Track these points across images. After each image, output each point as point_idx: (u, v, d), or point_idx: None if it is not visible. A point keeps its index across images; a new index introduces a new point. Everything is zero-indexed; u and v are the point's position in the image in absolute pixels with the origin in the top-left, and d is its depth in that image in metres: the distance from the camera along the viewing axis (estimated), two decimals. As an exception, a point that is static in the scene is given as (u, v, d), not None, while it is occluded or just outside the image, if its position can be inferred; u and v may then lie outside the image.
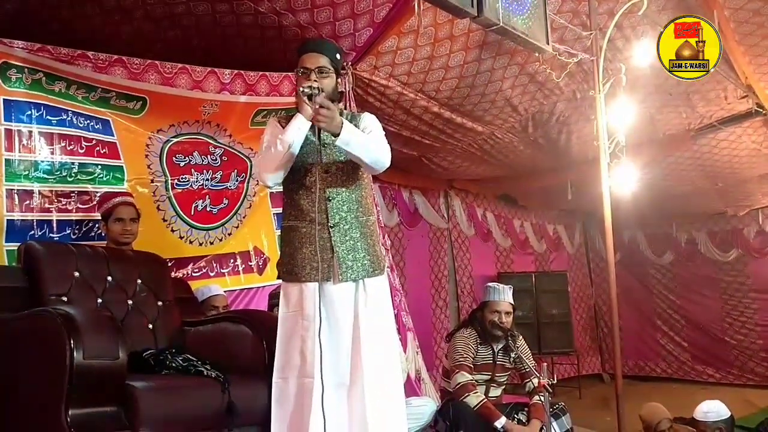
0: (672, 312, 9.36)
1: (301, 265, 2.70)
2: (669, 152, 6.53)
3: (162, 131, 4.13)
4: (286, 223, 2.82)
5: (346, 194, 2.76)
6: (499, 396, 4.22)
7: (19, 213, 3.52)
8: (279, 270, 2.82)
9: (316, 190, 2.71)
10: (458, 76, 4.82)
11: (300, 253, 2.71)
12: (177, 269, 4.08)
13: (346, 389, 2.69)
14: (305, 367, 2.64)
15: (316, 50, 2.80)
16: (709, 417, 4.56)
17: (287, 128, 2.67)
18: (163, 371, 2.95)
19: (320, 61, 2.76)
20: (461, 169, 6.92)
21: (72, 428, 2.39)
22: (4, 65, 3.50)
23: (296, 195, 2.75)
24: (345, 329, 2.70)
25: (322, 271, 2.67)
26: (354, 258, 2.72)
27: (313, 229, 2.70)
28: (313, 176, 2.72)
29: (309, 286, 2.69)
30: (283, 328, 2.75)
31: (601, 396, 7.59)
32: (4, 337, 2.84)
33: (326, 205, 2.71)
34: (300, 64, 2.78)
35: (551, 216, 9.35)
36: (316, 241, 2.68)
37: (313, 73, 2.72)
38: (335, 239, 2.70)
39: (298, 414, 2.65)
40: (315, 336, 2.61)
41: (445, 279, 7.72)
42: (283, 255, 2.80)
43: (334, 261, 2.69)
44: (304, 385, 2.64)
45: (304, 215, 2.72)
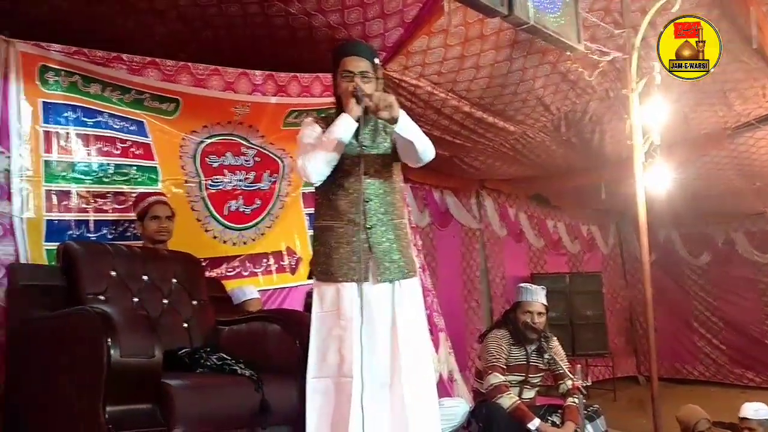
0: (709, 314, 9.19)
1: (337, 265, 2.70)
2: (705, 151, 6.42)
3: (195, 132, 4.18)
4: (320, 222, 2.82)
5: (383, 197, 2.78)
6: (532, 398, 4.18)
7: (57, 213, 3.59)
8: (313, 269, 2.82)
9: (355, 191, 2.73)
10: (489, 75, 4.79)
11: (336, 253, 2.71)
12: (211, 269, 4.12)
13: (383, 389, 2.68)
14: (343, 367, 2.64)
15: (359, 54, 2.82)
16: (760, 414, 4.46)
17: (334, 127, 2.68)
18: (197, 370, 2.98)
19: (363, 65, 2.78)
20: (493, 169, 6.89)
21: (109, 425, 2.43)
22: (42, 68, 3.57)
23: (333, 195, 2.76)
24: (381, 330, 2.71)
25: (360, 272, 2.68)
26: (390, 260, 2.74)
27: (350, 229, 2.71)
28: (351, 177, 2.74)
29: (346, 286, 2.69)
30: (318, 327, 2.74)
31: (636, 398, 7.50)
32: (43, 335, 2.91)
33: (365, 206, 2.72)
34: (342, 67, 2.79)
35: (585, 216, 9.25)
36: (353, 242, 2.70)
37: (357, 76, 2.75)
38: (372, 240, 2.72)
39: (336, 413, 2.65)
40: (354, 336, 2.62)
41: (477, 280, 7.67)
42: (317, 255, 2.80)
43: (372, 262, 2.71)
44: (341, 384, 2.64)
45: (342, 216, 2.73)
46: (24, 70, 3.50)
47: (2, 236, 3.38)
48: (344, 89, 2.75)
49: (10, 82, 3.47)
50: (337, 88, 2.83)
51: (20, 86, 3.50)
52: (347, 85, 2.74)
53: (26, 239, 3.43)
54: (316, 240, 2.84)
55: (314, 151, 2.68)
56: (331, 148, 2.66)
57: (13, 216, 3.42)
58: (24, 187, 3.48)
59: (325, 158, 2.67)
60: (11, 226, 3.42)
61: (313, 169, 2.67)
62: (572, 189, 7.85)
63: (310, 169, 2.67)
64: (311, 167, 2.66)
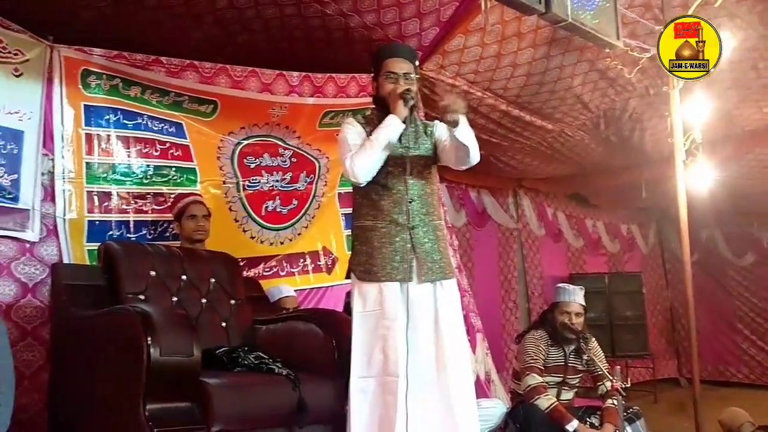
0: (754, 315, 8.97)
1: (381, 264, 2.71)
2: (749, 149, 6.28)
3: (233, 134, 4.22)
4: (361, 222, 2.82)
5: (424, 197, 2.81)
6: (570, 399, 4.14)
7: (98, 214, 3.66)
8: (353, 269, 2.81)
9: (399, 191, 2.75)
10: (526, 73, 4.75)
11: (380, 252, 2.72)
12: (248, 269, 4.16)
13: (426, 388, 2.68)
14: (389, 366, 2.64)
15: (403, 56, 2.86)
16: None
17: (383, 128, 2.70)
18: (235, 369, 3.01)
19: (406, 67, 2.82)
20: (530, 167, 6.83)
21: (150, 422, 2.47)
22: (85, 72, 3.65)
23: (376, 195, 2.77)
24: (424, 329, 2.72)
25: (403, 272, 2.69)
26: (432, 260, 2.76)
27: (393, 229, 2.73)
28: (395, 178, 2.76)
29: (389, 286, 2.70)
30: (361, 327, 2.74)
31: (677, 401, 7.35)
32: (85, 333, 2.96)
33: (408, 206, 2.74)
34: (385, 68, 2.82)
35: (624, 215, 9.12)
36: (396, 242, 2.71)
37: (401, 78, 2.78)
38: (415, 240, 2.73)
39: (383, 413, 2.65)
40: (399, 335, 2.63)
41: (515, 280, 7.62)
42: (358, 254, 2.80)
43: (415, 262, 2.72)
44: (387, 383, 2.64)
45: (385, 215, 2.74)
46: (67, 74, 3.59)
47: (46, 236, 3.47)
48: (390, 90, 2.76)
49: (54, 86, 3.56)
50: (380, 89, 2.84)
51: (63, 90, 3.59)
52: (393, 86, 2.76)
53: (69, 239, 3.51)
54: (356, 239, 2.84)
55: (362, 151, 2.69)
56: (379, 148, 2.68)
57: (57, 217, 3.51)
58: (66, 189, 3.56)
59: (373, 158, 2.68)
60: (54, 227, 3.50)
61: (361, 169, 2.68)
62: (612, 188, 7.74)
63: (359, 169, 2.68)
64: (360, 167, 2.68)
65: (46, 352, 3.28)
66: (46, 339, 3.30)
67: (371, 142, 2.68)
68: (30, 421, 3.20)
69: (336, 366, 3.10)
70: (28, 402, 3.22)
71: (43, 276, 3.40)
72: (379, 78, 2.84)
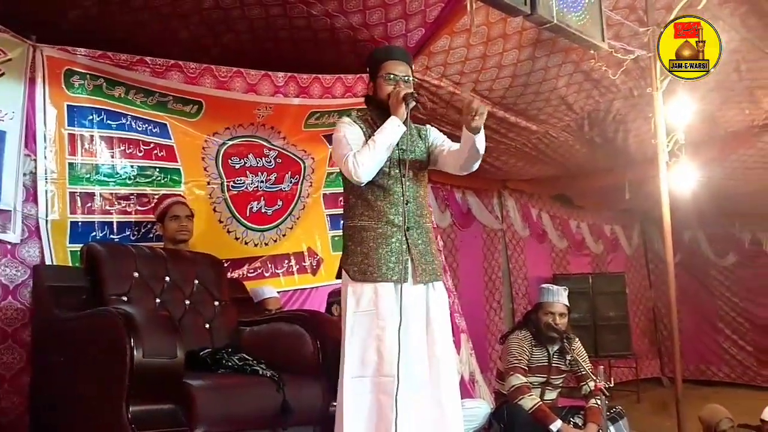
0: (735, 315, 9.07)
1: (377, 265, 2.71)
2: (731, 150, 6.33)
3: (218, 134, 4.20)
4: (355, 222, 2.81)
5: (418, 200, 2.84)
6: (554, 399, 4.15)
7: (81, 215, 3.63)
8: (347, 269, 2.79)
9: (395, 193, 2.77)
10: (511, 74, 4.77)
11: (376, 253, 2.72)
12: (233, 270, 4.15)
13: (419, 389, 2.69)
14: (383, 366, 2.64)
15: (403, 59, 2.89)
16: None
17: (386, 130, 2.70)
18: (219, 370, 3.00)
19: (404, 70, 2.85)
20: (515, 169, 6.85)
21: (132, 424, 2.46)
22: (68, 72, 3.62)
23: (372, 196, 2.77)
24: (416, 330, 2.73)
25: (398, 272, 2.70)
26: (426, 261, 2.79)
27: (389, 230, 2.74)
28: (392, 179, 2.77)
29: (385, 286, 2.70)
30: (354, 327, 2.72)
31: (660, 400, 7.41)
32: (67, 335, 2.94)
33: (404, 208, 2.76)
34: (385, 69, 2.83)
35: (608, 216, 9.17)
36: (392, 243, 2.73)
37: (400, 81, 2.80)
38: (411, 242, 2.75)
39: (379, 413, 2.64)
40: (393, 335, 2.62)
41: (499, 280, 7.64)
42: (352, 254, 2.78)
43: (410, 263, 2.74)
44: (382, 383, 2.64)
45: (381, 216, 2.75)
46: (49, 74, 3.55)
47: (28, 238, 3.43)
48: (391, 92, 2.77)
49: (37, 86, 3.52)
50: (378, 90, 2.85)
51: (46, 90, 3.54)
52: (394, 88, 2.77)
53: (51, 241, 3.48)
54: (350, 240, 2.82)
55: (366, 151, 2.68)
56: (383, 149, 2.69)
57: (39, 218, 3.47)
58: (49, 190, 3.52)
59: (377, 159, 2.69)
60: (37, 228, 3.46)
61: (365, 170, 2.67)
62: (596, 189, 7.78)
63: (362, 169, 2.67)
64: (363, 168, 2.67)
65: (27, 354, 3.25)
66: (27, 341, 3.26)
67: (374, 143, 2.69)
68: (11, 424, 3.17)
69: (320, 367, 3.11)
70: (8, 405, 3.19)
71: (25, 277, 3.36)
72: (377, 79, 2.85)
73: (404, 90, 2.74)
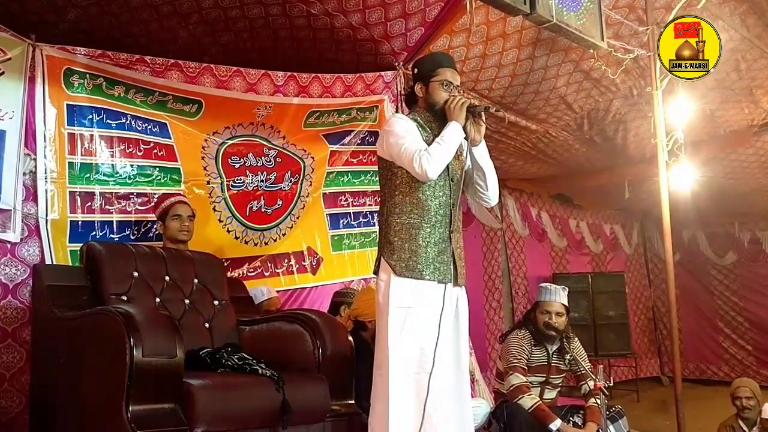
0: (734, 314, 9.08)
1: (425, 263, 2.75)
2: (730, 149, 6.34)
3: (217, 133, 4.20)
4: (404, 218, 2.81)
5: (459, 206, 2.89)
6: (554, 398, 4.15)
7: (81, 214, 3.62)
8: (393, 264, 2.77)
9: (445, 195, 2.82)
10: (511, 74, 4.77)
11: (425, 251, 2.76)
12: (233, 269, 4.15)
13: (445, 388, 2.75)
14: (424, 363, 2.68)
15: (456, 69, 2.97)
16: None
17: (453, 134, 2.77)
18: (219, 370, 2.99)
19: (458, 80, 2.94)
20: (515, 168, 6.85)
21: (132, 424, 2.45)
22: (68, 71, 3.61)
23: (422, 195, 2.80)
24: (447, 330, 2.77)
25: (444, 273, 2.77)
26: (461, 265, 2.86)
27: (437, 231, 2.79)
28: (442, 180, 2.81)
29: (431, 285, 2.75)
30: (396, 322, 2.73)
31: (659, 399, 7.43)
32: (67, 335, 2.93)
33: (451, 210, 2.82)
34: (442, 76, 2.89)
35: (608, 215, 9.18)
36: (440, 243, 2.78)
37: (455, 89, 2.89)
38: (454, 244, 2.81)
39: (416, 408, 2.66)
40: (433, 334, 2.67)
41: (499, 280, 7.65)
42: (399, 250, 2.78)
43: (451, 265, 2.79)
44: (421, 380, 2.67)
45: (431, 216, 2.79)
46: (49, 73, 3.54)
47: (28, 237, 3.43)
48: (447, 99, 2.84)
49: (36, 85, 3.51)
50: (432, 93, 2.89)
51: (46, 89, 3.54)
52: (447, 95, 2.85)
53: (51, 240, 3.47)
54: (395, 235, 2.81)
55: (437, 150, 2.74)
56: (452, 150, 2.77)
57: (39, 217, 3.47)
58: (49, 189, 3.52)
59: (445, 158, 2.75)
60: (37, 227, 3.46)
61: (435, 167, 2.72)
62: (595, 188, 7.79)
63: (433, 165, 2.71)
64: (434, 164, 2.71)
65: (27, 353, 3.25)
66: (27, 340, 3.26)
67: (445, 143, 2.76)
68: (11, 423, 3.17)
69: (320, 366, 3.11)
70: (8, 404, 3.20)
71: (25, 277, 3.36)
72: (432, 82, 2.90)
73: (468, 100, 2.84)
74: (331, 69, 4.45)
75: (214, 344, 3.29)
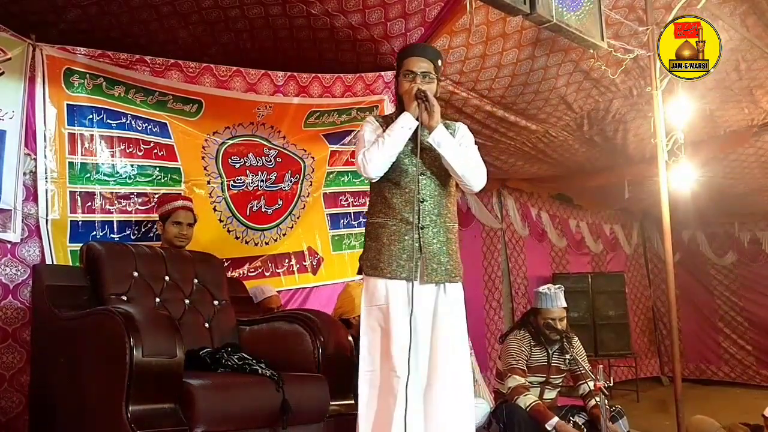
0: (734, 314, 9.07)
1: (387, 261, 2.72)
2: (730, 149, 6.34)
3: (218, 133, 4.20)
4: (373, 219, 2.83)
5: (438, 198, 2.81)
6: (554, 398, 4.15)
7: (81, 214, 3.62)
8: (362, 264, 2.84)
9: (410, 190, 2.76)
10: (511, 74, 4.77)
11: (388, 250, 2.73)
12: (233, 269, 4.15)
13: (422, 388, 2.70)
14: (391, 362, 2.65)
15: (424, 55, 2.87)
16: None
17: (395, 125, 2.72)
18: (219, 369, 3.00)
19: (425, 66, 2.83)
20: (515, 168, 6.85)
21: (132, 424, 2.45)
22: (68, 71, 3.61)
23: (388, 193, 2.78)
24: (422, 330, 2.72)
25: (409, 270, 2.70)
26: (438, 261, 2.76)
27: (402, 227, 2.74)
28: (408, 177, 2.76)
29: (395, 283, 2.72)
30: (368, 320, 2.76)
31: (659, 399, 7.43)
32: (67, 335, 2.94)
33: (419, 206, 2.75)
34: (405, 66, 2.84)
35: (608, 215, 9.18)
36: (404, 240, 2.73)
37: (418, 77, 2.79)
38: (424, 241, 2.74)
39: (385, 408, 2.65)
40: (401, 332, 2.63)
41: (499, 280, 7.65)
42: (368, 250, 2.81)
43: (421, 262, 2.73)
44: (390, 378, 2.65)
45: (396, 213, 2.76)
46: (49, 73, 3.55)
47: (28, 237, 3.43)
48: (406, 89, 2.79)
49: (36, 85, 3.52)
50: (399, 88, 2.87)
51: (46, 89, 3.54)
52: (409, 85, 2.78)
53: (51, 240, 3.48)
54: (367, 236, 2.85)
55: (374, 147, 2.71)
56: (390, 144, 2.69)
57: (39, 217, 3.47)
58: (49, 189, 3.52)
59: (383, 155, 2.69)
60: (37, 227, 3.47)
61: (371, 165, 2.69)
62: (595, 188, 7.79)
63: (369, 164, 2.70)
64: (370, 163, 2.69)
65: (27, 353, 3.25)
66: (27, 340, 3.27)
67: (383, 139, 2.71)
68: (11, 423, 3.18)
69: (320, 366, 3.11)
70: (8, 404, 3.20)
71: (25, 277, 3.37)
72: (400, 75, 2.87)
73: (417, 86, 2.75)
74: (331, 69, 4.46)
75: (214, 344, 3.29)
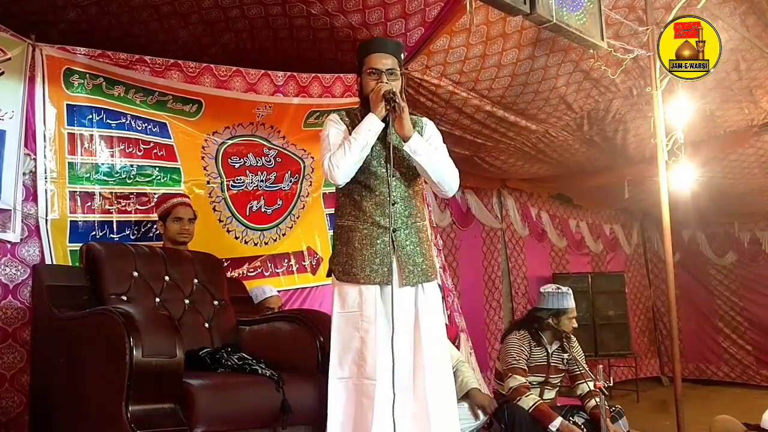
0: (734, 314, 9.07)
1: (360, 266, 2.67)
2: (730, 149, 6.34)
3: (217, 133, 4.20)
4: (343, 222, 2.77)
5: (408, 199, 2.75)
6: (553, 398, 4.16)
7: (81, 214, 3.62)
8: (333, 269, 2.77)
9: (381, 193, 2.69)
10: (511, 74, 4.77)
11: (360, 254, 2.67)
12: (233, 269, 4.15)
13: (404, 393, 2.65)
14: (365, 369, 2.61)
15: (385, 50, 2.75)
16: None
17: (361, 128, 2.63)
18: (218, 370, 3.00)
19: (389, 62, 2.72)
20: (515, 168, 6.85)
21: (132, 424, 2.45)
22: (67, 71, 3.61)
23: (358, 196, 2.72)
24: (404, 333, 2.67)
25: (383, 275, 2.65)
26: (413, 263, 2.71)
27: (374, 231, 2.68)
28: (378, 179, 2.70)
29: (369, 288, 2.66)
30: (340, 327, 2.71)
31: (659, 400, 7.43)
32: (67, 335, 2.94)
33: (390, 209, 2.67)
34: (368, 64, 2.73)
35: (608, 215, 9.18)
36: (377, 244, 2.67)
37: (384, 74, 2.70)
38: (397, 243, 2.68)
39: (358, 416, 2.62)
40: (378, 338, 2.59)
41: (499, 280, 7.65)
42: (338, 254, 2.76)
43: (395, 265, 2.67)
44: (363, 386, 2.61)
45: (366, 217, 2.69)
46: (49, 73, 3.54)
47: (28, 237, 3.43)
48: (372, 89, 2.68)
49: (36, 85, 3.51)
50: (363, 87, 2.76)
51: (45, 89, 3.54)
52: (375, 84, 2.68)
53: (51, 240, 3.48)
54: (337, 239, 2.79)
55: (340, 152, 2.62)
56: (357, 149, 2.61)
57: (39, 217, 3.47)
58: (49, 189, 3.52)
59: (351, 159, 2.61)
60: (37, 227, 3.46)
61: (339, 171, 2.61)
62: (595, 188, 7.78)
63: (336, 170, 2.61)
64: (337, 168, 2.61)
65: (27, 353, 3.25)
66: (27, 340, 3.26)
67: (349, 143, 2.61)
68: (11, 423, 3.17)
69: (320, 366, 3.10)
70: (9, 404, 3.20)
71: (25, 277, 3.36)
72: (363, 73, 2.75)
73: (385, 87, 2.64)
74: (331, 69, 4.45)
75: (214, 344, 3.29)
